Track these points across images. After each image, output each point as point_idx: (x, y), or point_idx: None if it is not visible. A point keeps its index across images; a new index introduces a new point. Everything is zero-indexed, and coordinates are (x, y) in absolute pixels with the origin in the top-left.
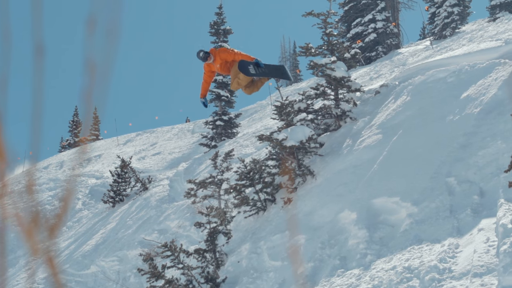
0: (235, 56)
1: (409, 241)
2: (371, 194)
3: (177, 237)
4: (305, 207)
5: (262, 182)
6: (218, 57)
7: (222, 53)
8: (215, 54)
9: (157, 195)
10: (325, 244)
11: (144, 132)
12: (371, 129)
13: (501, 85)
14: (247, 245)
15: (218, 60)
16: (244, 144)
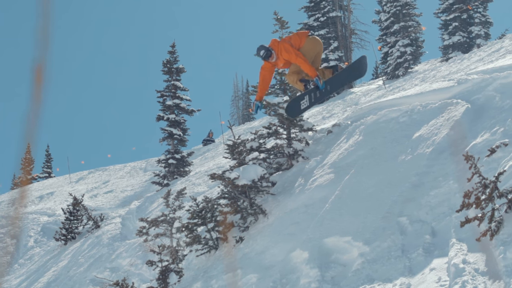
0: (297, 60)
1: (360, 281)
2: (323, 233)
3: (129, 275)
4: (257, 246)
5: (214, 220)
6: (281, 57)
7: (284, 53)
8: (278, 52)
9: (109, 233)
10: (276, 283)
11: (97, 170)
12: (323, 168)
13: (453, 125)
14: (198, 283)
15: (282, 59)
16: (196, 183)
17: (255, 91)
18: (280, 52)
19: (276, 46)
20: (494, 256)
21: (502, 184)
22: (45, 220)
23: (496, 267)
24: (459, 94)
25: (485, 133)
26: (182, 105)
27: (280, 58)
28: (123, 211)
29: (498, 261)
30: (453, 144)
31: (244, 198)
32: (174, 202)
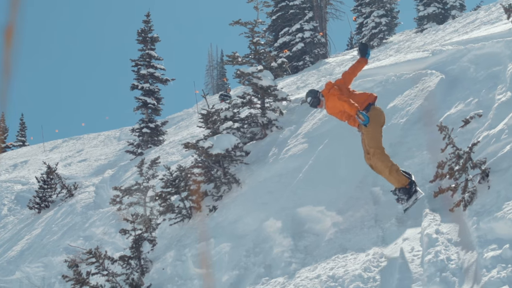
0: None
1: (333, 250)
2: (296, 203)
3: (102, 244)
4: (230, 215)
5: (187, 189)
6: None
7: (330, 101)
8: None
9: (83, 201)
10: (250, 252)
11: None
12: (297, 138)
13: (428, 95)
14: (172, 252)
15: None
16: (170, 152)
17: (229, 61)
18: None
19: (326, 93)
20: (467, 226)
21: (476, 155)
22: (19, 189)
23: (469, 237)
24: (433, 65)
25: (459, 104)
26: (156, 74)
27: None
28: (97, 180)
29: (471, 232)
30: (427, 114)
31: (217, 167)
32: (148, 171)
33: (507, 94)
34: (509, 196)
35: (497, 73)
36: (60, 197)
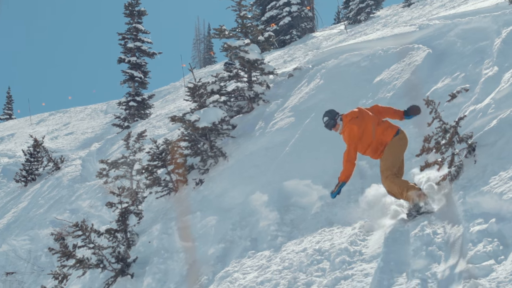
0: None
1: (320, 224)
2: (282, 176)
3: (89, 217)
4: (216, 188)
5: (174, 163)
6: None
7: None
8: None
9: (69, 174)
10: (236, 225)
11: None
12: (283, 112)
13: (414, 70)
14: (158, 225)
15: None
16: (156, 125)
17: (216, 34)
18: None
19: (346, 122)
20: (454, 200)
21: (463, 129)
22: (5, 162)
23: (455, 212)
24: (420, 39)
25: (446, 78)
26: (143, 48)
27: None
28: (84, 153)
29: (458, 206)
30: (414, 88)
31: (204, 141)
32: (135, 144)
33: (494, 68)
34: (495, 170)
35: (484, 47)
36: (46, 170)
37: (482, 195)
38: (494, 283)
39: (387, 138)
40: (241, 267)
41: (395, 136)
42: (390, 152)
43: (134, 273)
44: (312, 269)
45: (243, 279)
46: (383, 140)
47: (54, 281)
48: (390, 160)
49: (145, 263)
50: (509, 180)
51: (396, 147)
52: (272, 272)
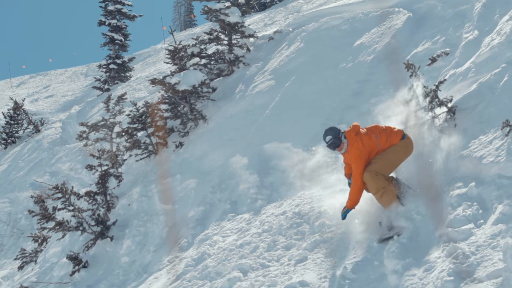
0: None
1: (300, 187)
2: (262, 139)
3: (69, 180)
4: (196, 151)
5: (154, 125)
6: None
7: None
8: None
9: (49, 137)
10: (215, 188)
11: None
12: (264, 75)
13: (395, 33)
14: (138, 188)
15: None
16: (137, 88)
17: None
18: (348, 149)
19: (352, 138)
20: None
21: (443, 93)
22: None
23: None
24: (401, 2)
25: (426, 42)
26: (124, 11)
27: (346, 157)
28: (64, 116)
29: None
30: (394, 52)
31: (184, 104)
32: (115, 107)
33: (474, 32)
34: (475, 134)
35: (464, 11)
36: (26, 133)
37: (462, 159)
38: (473, 247)
39: (393, 141)
40: (221, 230)
41: (402, 140)
42: (389, 157)
43: (113, 236)
44: (291, 232)
45: (222, 242)
46: (389, 146)
47: (33, 244)
48: (384, 164)
49: (125, 225)
50: (489, 144)
51: (398, 154)
52: (252, 235)
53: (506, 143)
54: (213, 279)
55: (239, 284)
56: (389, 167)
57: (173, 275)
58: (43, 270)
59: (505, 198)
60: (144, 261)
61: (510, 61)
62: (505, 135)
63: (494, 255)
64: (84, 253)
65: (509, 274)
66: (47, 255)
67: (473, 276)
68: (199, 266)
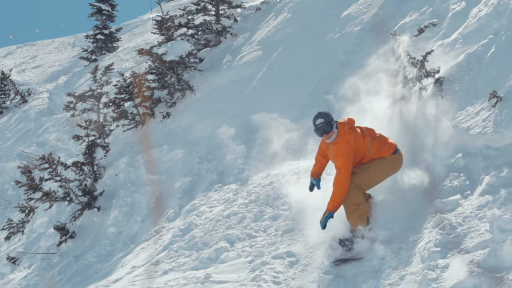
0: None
1: (287, 157)
2: (250, 110)
3: (56, 150)
4: (183, 121)
5: (141, 96)
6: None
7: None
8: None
9: (36, 108)
10: (203, 158)
11: (25, 45)
12: (251, 45)
13: (382, 4)
14: (125, 158)
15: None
16: (124, 58)
17: None
18: (339, 143)
19: (344, 131)
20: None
21: (430, 64)
22: None
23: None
24: None
25: (414, 13)
26: None
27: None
28: (51, 86)
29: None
30: (381, 23)
31: (171, 74)
32: (102, 77)
33: (461, 3)
34: (462, 105)
35: None
36: (13, 103)
37: (449, 130)
38: (460, 218)
39: (384, 154)
40: (208, 200)
41: (393, 154)
42: (375, 171)
43: (100, 206)
44: (278, 203)
45: (209, 213)
46: (378, 157)
47: (20, 214)
48: (368, 178)
49: (112, 196)
50: (476, 115)
51: (386, 170)
52: (239, 205)
53: (493, 114)
54: (200, 249)
55: (226, 254)
56: (372, 182)
57: (160, 245)
58: (30, 241)
59: (492, 169)
60: (131, 231)
61: (497, 32)
62: (492, 106)
63: (481, 226)
64: (71, 224)
65: (495, 245)
66: (34, 225)
67: (460, 247)
68: (186, 237)
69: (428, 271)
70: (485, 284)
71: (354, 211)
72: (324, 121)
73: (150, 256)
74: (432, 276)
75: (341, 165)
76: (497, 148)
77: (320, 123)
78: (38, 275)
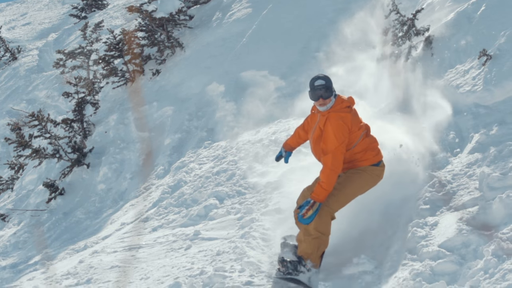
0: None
1: (276, 114)
2: (239, 67)
3: (45, 107)
4: (173, 78)
5: (131, 53)
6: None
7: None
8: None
9: (26, 65)
10: (192, 115)
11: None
12: (241, 3)
13: None
14: (114, 115)
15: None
16: (114, 16)
17: None
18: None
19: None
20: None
21: (420, 22)
22: None
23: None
24: None
25: None
26: None
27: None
28: (41, 43)
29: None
30: None
31: (161, 31)
32: (92, 35)
33: None
34: (452, 63)
35: None
36: (3, 61)
37: (439, 88)
38: (450, 176)
39: (363, 160)
40: (197, 157)
41: (375, 165)
42: (354, 189)
43: (90, 163)
44: (268, 160)
45: (199, 169)
46: (357, 159)
47: (10, 171)
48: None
49: (101, 153)
50: (466, 73)
51: (365, 185)
52: (228, 162)
53: (483, 73)
54: (190, 206)
55: (215, 211)
56: (346, 202)
57: (150, 202)
58: (19, 198)
59: (481, 127)
60: (121, 188)
61: None
62: (482, 65)
63: (470, 184)
64: (61, 181)
65: (485, 203)
66: (24, 182)
67: (449, 205)
68: (175, 194)
69: (417, 229)
70: (474, 242)
71: (314, 239)
72: (325, 84)
73: (139, 213)
74: (421, 233)
75: (334, 149)
76: (487, 106)
77: (320, 85)
78: (28, 232)
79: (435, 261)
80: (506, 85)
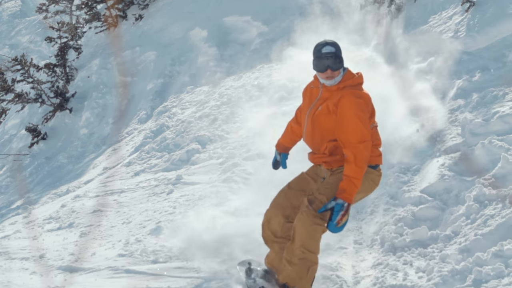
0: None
1: (259, 60)
2: (222, 12)
3: (28, 52)
4: (156, 24)
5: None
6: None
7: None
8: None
9: (9, 10)
10: (175, 61)
11: None
12: None
13: None
14: (97, 60)
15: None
16: None
17: None
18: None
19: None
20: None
21: None
22: None
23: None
24: None
25: None
26: None
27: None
28: None
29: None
30: None
31: None
32: None
33: None
34: (435, 9)
35: None
36: None
37: (422, 34)
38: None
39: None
40: (180, 102)
41: (373, 167)
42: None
43: (72, 108)
44: (250, 105)
45: (181, 114)
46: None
47: None
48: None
49: (84, 98)
50: (449, 19)
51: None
52: (211, 107)
53: (466, 19)
54: (172, 151)
55: (197, 156)
56: None
57: (132, 147)
58: (1, 142)
59: (464, 74)
60: (103, 133)
61: None
62: (465, 11)
63: (452, 130)
64: (43, 125)
65: (467, 149)
66: (6, 127)
67: (431, 150)
68: (158, 138)
69: (400, 174)
70: (456, 188)
71: (301, 260)
72: (335, 52)
73: (122, 158)
74: (403, 179)
75: (362, 137)
76: (470, 52)
77: (329, 52)
78: (10, 176)
79: (417, 207)
80: (489, 32)
